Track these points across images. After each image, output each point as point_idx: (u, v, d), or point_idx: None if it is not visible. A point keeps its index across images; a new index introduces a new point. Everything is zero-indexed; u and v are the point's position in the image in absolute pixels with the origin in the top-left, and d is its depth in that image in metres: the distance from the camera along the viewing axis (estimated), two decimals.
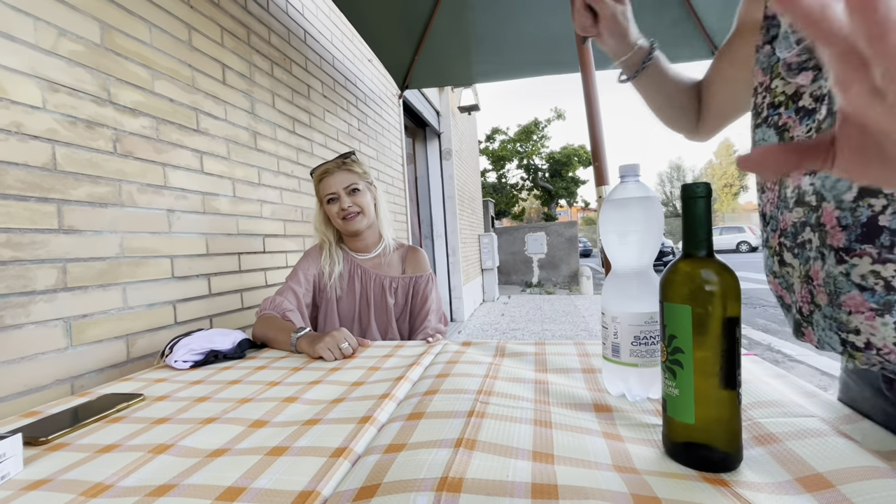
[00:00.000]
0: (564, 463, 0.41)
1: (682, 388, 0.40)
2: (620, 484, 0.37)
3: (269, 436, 0.54)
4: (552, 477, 0.38)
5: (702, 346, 0.39)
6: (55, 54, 0.89)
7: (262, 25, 1.64)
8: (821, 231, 0.43)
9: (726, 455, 0.40)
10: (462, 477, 0.38)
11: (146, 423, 0.61)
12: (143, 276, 1.06)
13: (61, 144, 0.89)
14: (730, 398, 0.39)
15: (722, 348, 0.39)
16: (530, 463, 0.41)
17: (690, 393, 0.40)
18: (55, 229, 0.87)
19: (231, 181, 1.40)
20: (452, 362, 0.77)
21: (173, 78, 1.19)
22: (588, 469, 0.40)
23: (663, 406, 0.43)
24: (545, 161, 20.59)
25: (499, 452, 0.43)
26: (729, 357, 0.39)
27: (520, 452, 0.43)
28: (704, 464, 0.40)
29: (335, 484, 0.42)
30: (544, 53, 2.50)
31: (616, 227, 0.56)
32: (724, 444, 0.40)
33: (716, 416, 0.40)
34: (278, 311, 1.09)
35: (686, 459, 0.41)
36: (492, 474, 0.39)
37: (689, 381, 0.40)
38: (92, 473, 0.47)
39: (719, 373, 0.39)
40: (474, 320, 5.60)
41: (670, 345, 0.41)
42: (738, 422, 0.40)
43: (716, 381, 0.39)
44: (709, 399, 0.40)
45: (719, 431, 0.40)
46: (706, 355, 0.39)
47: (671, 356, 0.41)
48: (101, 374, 0.94)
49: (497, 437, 0.47)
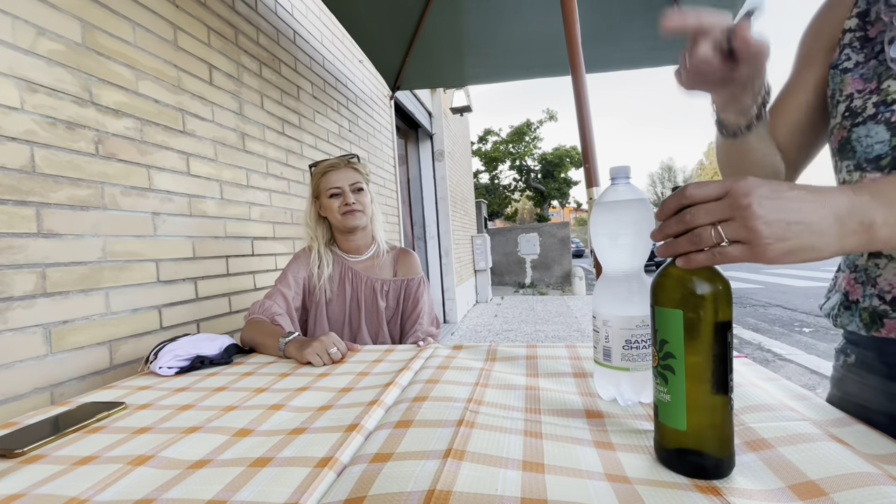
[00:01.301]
0: (555, 472, 0.40)
1: (673, 393, 0.40)
2: (611, 496, 0.36)
3: (254, 445, 0.52)
4: (542, 490, 0.37)
5: (694, 352, 0.38)
6: (34, 53, 0.86)
7: (251, 25, 1.62)
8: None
9: (718, 461, 0.39)
10: (450, 490, 0.37)
11: (127, 433, 0.59)
12: (127, 281, 1.04)
13: (40, 146, 0.87)
14: (722, 403, 0.39)
15: (714, 353, 0.38)
16: (520, 473, 0.40)
17: (682, 399, 0.39)
18: (34, 233, 0.85)
19: (219, 183, 1.38)
20: (443, 367, 0.76)
21: (158, 78, 1.17)
22: (579, 479, 0.39)
23: (655, 412, 0.43)
24: (537, 162, 20.68)
25: (488, 463, 0.42)
26: (721, 362, 0.38)
27: (510, 462, 0.42)
28: (696, 471, 0.40)
29: (319, 496, 0.41)
30: (536, 56, 2.50)
31: (607, 230, 0.56)
32: (715, 451, 0.39)
33: (708, 421, 0.39)
34: (267, 316, 1.07)
35: (678, 466, 0.41)
36: (481, 487, 0.38)
37: (680, 387, 0.39)
38: (67, 487, 0.46)
39: (711, 378, 0.38)
40: (467, 321, 5.59)
41: (662, 349, 0.40)
42: (731, 428, 0.39)
43: (708, 387, 0.38)
44: (701, 405, 0.39)
45: (711, 437, 0.39)
46: (698, 360, 0.38)
47: (662, 361, 0.40)
48: (82, 381, 0.92)
49: (487, 447, 0.46)
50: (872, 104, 0.51)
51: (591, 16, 2.04)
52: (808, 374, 3.12)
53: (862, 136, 0.52)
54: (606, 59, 2.45)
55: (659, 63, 2.46)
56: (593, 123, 1.52)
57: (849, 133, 0.53)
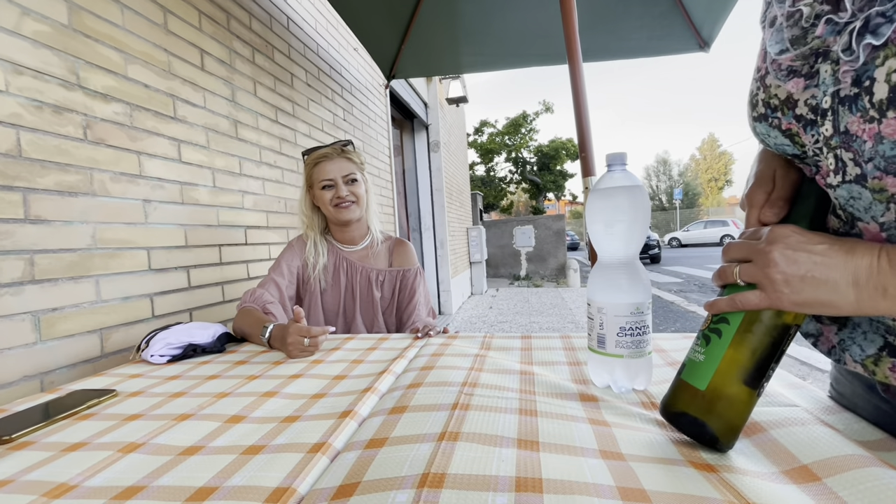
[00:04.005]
0: (550, 450, 0.40)
1: (709, 355, 0.40)
2: (606, 474, 0.36)
3: (246, 433, 0.52)
4: (537, 469, 0.37)
5: (749, 328, 0.39)
6: (18, 34, 0.84)
7: (243, 10, 1.59)
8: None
9: (716, 438, 0.39)
10: (444, 472, 0.37)
11: (117, 420, 0.59)
12: (118, 269, 1.03)
13: (26, 130, 0.85)
14: (748, 393, 0.38)
15: (767, 341, 0.38)
16: (515, 451, 0.40)
17: (716, 362, 0.39)
18: (21, 219, 0.83)
19: (211, 171, 1.36)
20: (437, 355, 0.76)
21: (148, 63, 1.14)
22: (574, 456, 0.39)
23: (679, 371, 0.43)
24: (533, 154, 20.62)
25: (483, 442, 0.42)
26: (767, 354, 0.38)
27: (504, 441, 0.42)
28: (694, 433, 0.40)
29: (312, 480, 0.41)
30: (533, 44, 2.48)
31: (602, 217, 0.55)
32: (720, 427, 0.39)
33: (727, 394, 0.39)
34: (258, 304, 1.06)
35: (680, 424, 0.41)
36: (475, 467, 0.38)
37: (720, 352, 0.39)
38: (56, 473, 0.45)
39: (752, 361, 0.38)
40: (462, 313, 5.60)
41: (718, 314, 0.41)
42: (742, 419, 0.39)
43: (746, 367, 0.38)
44: (730, 377, 0.39)
45: (722, 412, 0.39)
46: (748, 337, 0.39)
47: (713, 325, 0.41)
48: (73, 369, 0.91)
49: (481, 427, 0.45)
50: (762, 102, 0.44)
51: (589, 3, 2.02)
52: (799, 365, 3.16)
53: (763, 133, 0.45)
54: (604, 48, 2.43)
55: (657, 53, 2.45)
56: (590, 116, 1.51)
57: (755, 125, 0.46)
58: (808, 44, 0.38)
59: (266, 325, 0.91)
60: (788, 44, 0.39)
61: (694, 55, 2.35)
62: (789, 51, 0.39)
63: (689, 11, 2.09)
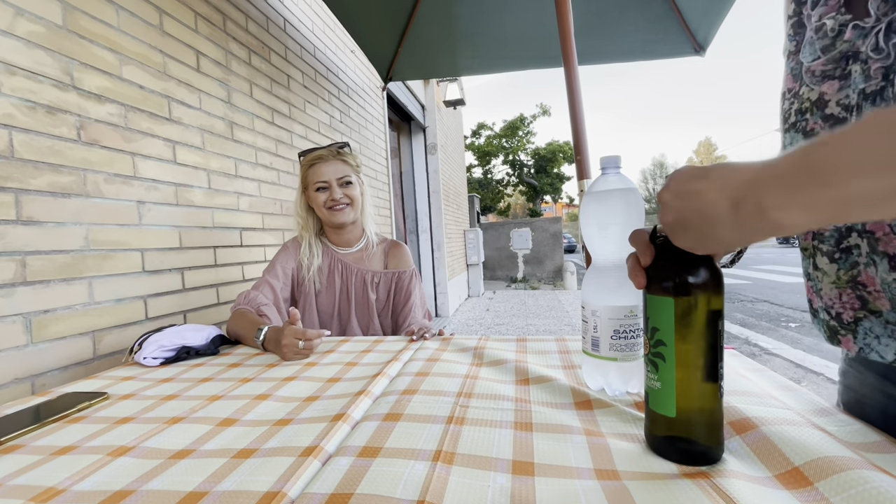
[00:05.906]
0: (545, 473, 0.40)
1: (663, 381, 0.40)
2: (601, 497, 0.36)
3: (238, 436, 0.52)
4: (531, 498, 0.37)
5: (684, 339, 0.38)
6: (12, 35, 0.84)
7: (239, 12, 1.59)
8: (870, 238, 0.42)
9: (707, 448, 0.39)
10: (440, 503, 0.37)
11: (108, 423, 0.58)
12: (111, 270, 1.02)
13: (19, 130, 0.84)
14: (712, 391, 0.39)
15: (705, 341, 0.38)
16: (510, 476, 0.40)
17: (672, 386, 0.39)
18: (12, 220, 0.82)
19: (206, 172, 1.35)
20: (433, 360, 0.76)
21: (143, 64, 1.14)
22: (569, 479, 0.39)
23: (645, 399, 0.43)
24: (530, 157, 20.67)
25: (478, 465, 0.42)
26: (711, 350, 0.38)
27: (499, 464, 0.42)
28: (685, 457, 0.40)
29: (303, 485, 0.40)
30: (529, 47, 2.49)
31: (597, 220, 0.55)
32: (704, 438, 0.39)
33: (697, 408, 0.39)
34: (253, 307, 1.05)
35: (667, 453, 0.41)
36: (470, 497, 0.37)
37: (671, 375, 0.39)
38: (44, 478, 0.45)
39: (702, 366, 0.38)
40: (459, 315, 5.60)
41: (653, 337, 0.40)
42: (720, 415, 0.40)
43: (698, 374, 0.38)
44: (690, 392, 0.39)
45: (700, 424, 0.39)
46: (688, 348, 0.38)
47: (653, 349, 0.40)
48: (64, 372, 0.90)
49: (476, 447, 0.45)
50: (794, 111, 0.48)
51: (585, 7, 2.03)
52: (794, 367, 3.17)
53: (788, 143, 0.50)
54: (599, 51, 2.44)
55: (652, 56, 2.46)
56: (586, 119, 1.52)
57: (783, 137, 0.51)
58: (837, 48, 0.42)
59: (260, 328, 0.91)
60: (820, 53, 0.44)
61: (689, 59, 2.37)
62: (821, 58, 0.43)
63: (684, 15, 2.11)
